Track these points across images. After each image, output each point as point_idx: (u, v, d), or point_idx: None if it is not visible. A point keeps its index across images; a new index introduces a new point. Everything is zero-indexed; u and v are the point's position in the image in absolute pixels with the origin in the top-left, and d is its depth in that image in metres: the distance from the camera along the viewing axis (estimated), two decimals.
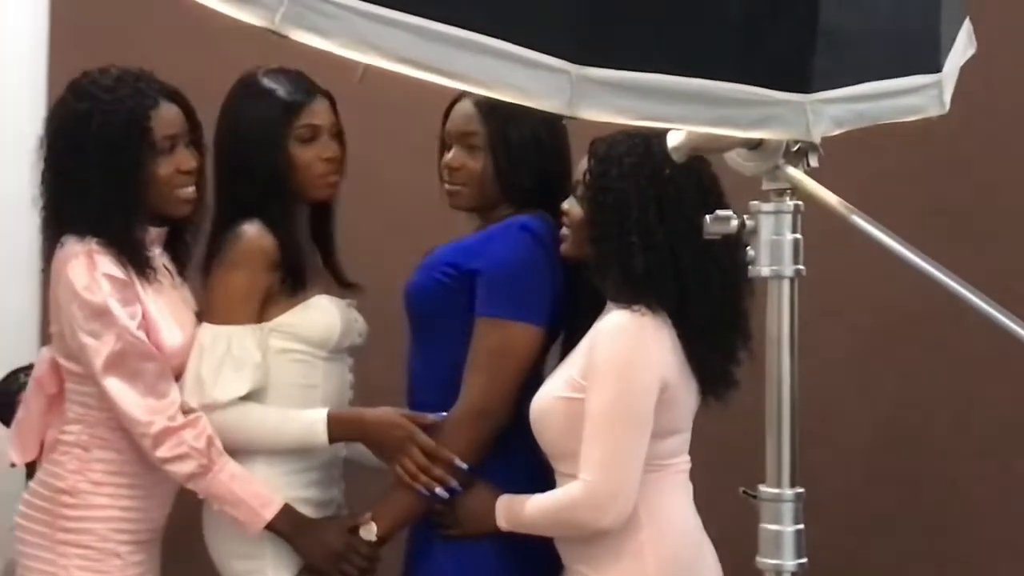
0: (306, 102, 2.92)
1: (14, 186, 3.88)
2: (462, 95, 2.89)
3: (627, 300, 2.61)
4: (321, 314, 2.92)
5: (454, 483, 2.75)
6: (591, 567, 2.68)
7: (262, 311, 2.87)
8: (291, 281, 2.87)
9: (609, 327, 2.62)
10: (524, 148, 2.84)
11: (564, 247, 2.75)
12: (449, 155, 2.90)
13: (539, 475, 2.76)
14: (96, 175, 2.80)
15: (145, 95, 2.83)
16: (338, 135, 2.98)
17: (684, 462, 2.74)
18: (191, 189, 2.89)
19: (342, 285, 3.06)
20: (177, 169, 2.86)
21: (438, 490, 2.74)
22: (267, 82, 2.93)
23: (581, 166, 2.73)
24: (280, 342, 2.88)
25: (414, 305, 2.92)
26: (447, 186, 2.92)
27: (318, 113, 2.93)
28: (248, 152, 2.89)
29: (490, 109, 2.83)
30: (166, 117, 2.85)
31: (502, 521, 2.72)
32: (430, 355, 2.89)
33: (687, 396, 2.68)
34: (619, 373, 2.58)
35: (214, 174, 2.94)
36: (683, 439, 2.72)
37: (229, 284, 2.86)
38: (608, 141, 2.67)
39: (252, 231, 2.85)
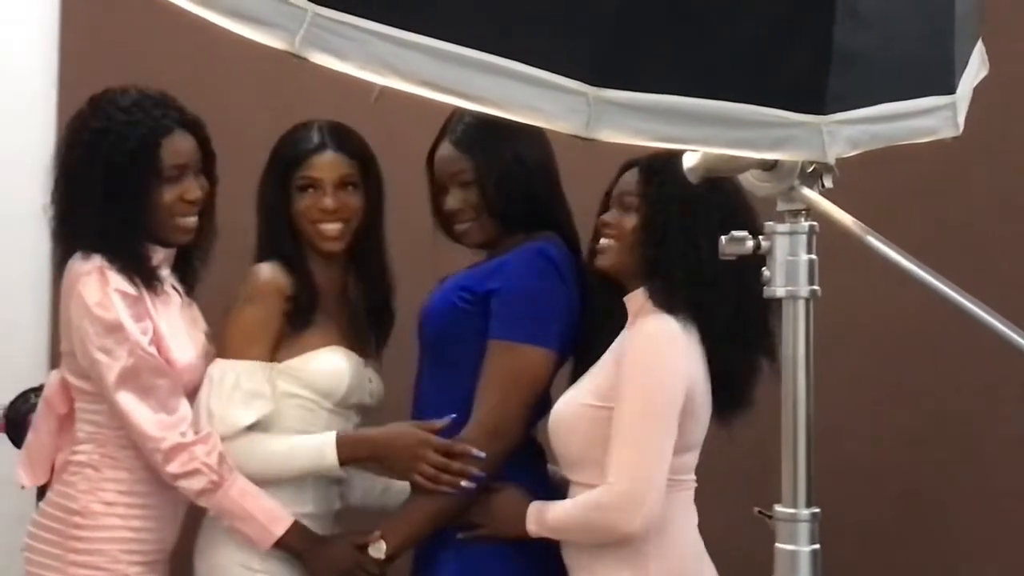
0: (307, 155, 2.95)
1: (23, 204, 3.90)
2: (439, 139, 2.92)
3: (677, 307, 2.63)
4: (329, 364, 2.91)
5: (475, 471, 2.74)
6: (593, 575, 2.68)
7: (274, 351, 2.89)
8: (295, 321, 2.88)
9: (641, 336, 2.64)
10: (511, 175, 2.85)
11: (601, 259, 2.75)
12: (448, 200, 2.91)
13: (539, 493, 2.77)
14: (101, 194, 2.82)
15: (160, 122, 2.84)
16: (344, 185, 2.96)
17: (692, 480, 2.75)
18: (192, 219, 2.90)
19: (358, 349, 3.03)
20: (181, 198, 2.87)
21: (463, 483, 2.74)
22: (288, 135, 3.00)
23: (624, 181, 2.74)
24: (287, 385, 2.88)
25: (429, 329, 2.92)
26: (456, 227, 2.93)
27: (318, 167, 2.95)
28: (260, 200, 3.00)
29: (470, 144, 2.86)
30: (178, 147, 2.86)
31: (531, 526, 2.72)
32: (442, 379, 2.89)
33: (705, 412, 2.69)
34: (650, 380, 2.60)
35: None
36: (694, 456, 2.73)
37: (241, 320, 2.88)
38: (655, 157, 2.69)
39: (266, 269, 2.89)
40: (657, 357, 2.62)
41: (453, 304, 2.85)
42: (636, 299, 2.71)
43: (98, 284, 2.78)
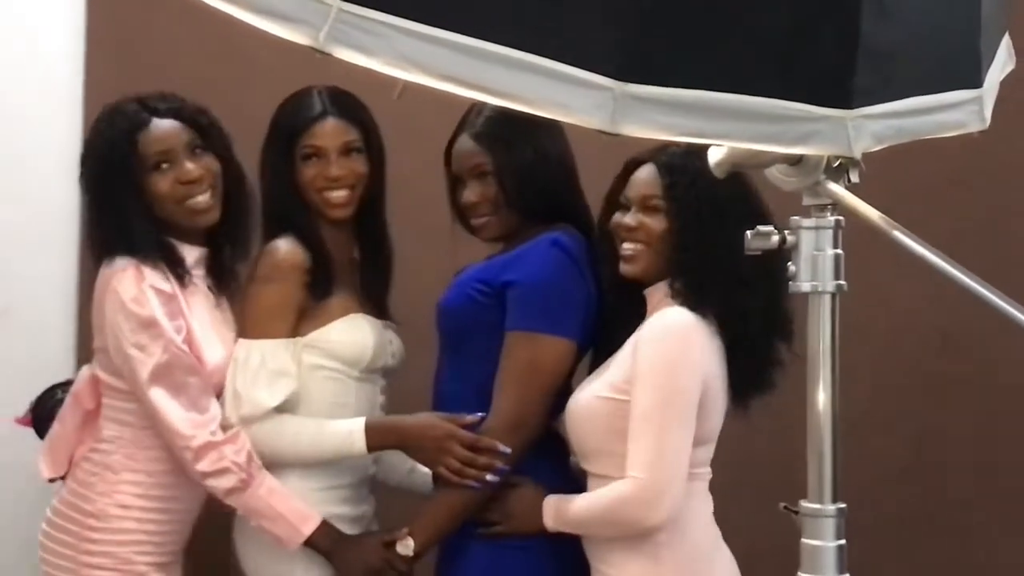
0: (309, 124, 2.94)
1: (50, 203, 3.92)
2: (457, 133, 2.92)
3: (706, 305, 2.63)
4: (354, 332, 2.92)
5: (502, 465, 2.74)
6: (609, 565, 2.68)
7: (296, 326, 2.89)
8: (315, 292, 2.88)
9: (657, 328, 2.64)
10: (530, 168, 2.85)
11: (631, 266, 2.73)
12: (466, 193, 2.91)
13: (562, 485, 2.77)
14: (107, 199, 2.87)
15: (133, 118, 2.87)
16: (348, 152, 2.96)
17: (707, 473, 2.74)
18: (201, 198, 2.89)
19: (376, 313, 3.05)
20: (178, 181, 2.87)
21: (488, 477, 2.74)
22: (282, 107, 2.99)
23: (643, 182, 2.73)
24: (312, 358, 2.89)
25: (447, 322, 2.92)
26: (473, 222, 2.92)
27: (320, 134, 2.94)
28: (264, 177, 2.99)
29: (489, 137, 2.85)
30: (155, 134, 2.87)
31: (549, 520, 2.72)
32: (461, 371, 2.89)
33: (721, 405, 2.69)
34: (668, 372, 2.60)
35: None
36: (710, 449, 2.73)
37: (262, 298, 2.88)
38: (669, 154, 2.68)
39: (284, 246, 2.88)
40: (675, 349, 2.62)
41: (470, 296, 2.85)
42: (657, 292, 2.71)
43: (134, 280, 2.79)
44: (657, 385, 2.59)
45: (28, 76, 3.96)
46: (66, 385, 3.47)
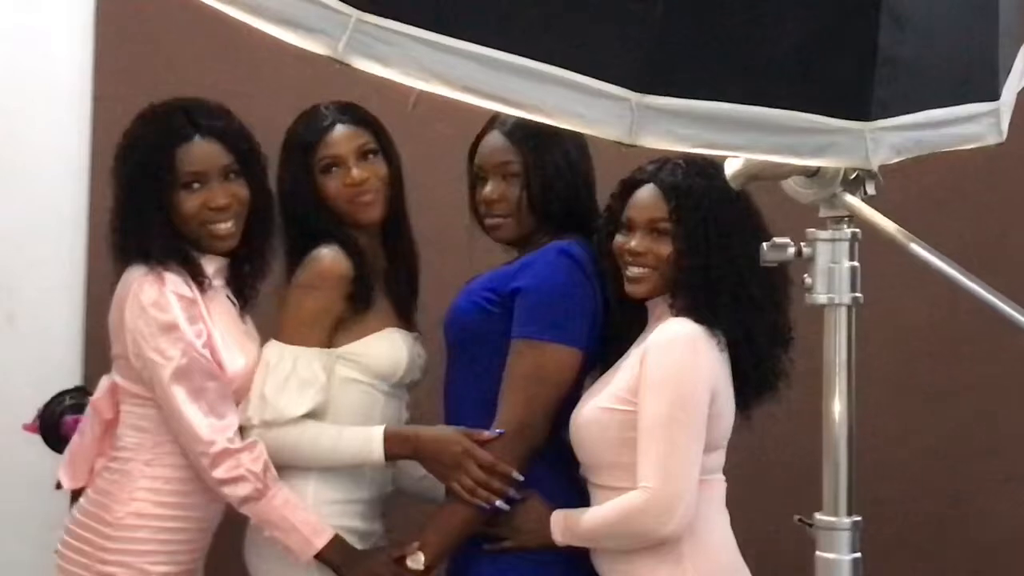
0: (320, 135, 2.95)
1: (58, 210, 3.92)
2: (486, 129, 2.91)
3: (711, 324, 2.64)
4: (390, 347, 2.92)
5: (513, 492, 2.74)
6: None
7: (331, 336, 2.88)
8: (358, 303, 2.88)
9: (663, 338, 2.64)
10: (558, 174, 2.86)
11: (638, 288, 2.72)
12: (487, 188, 2.91)
13: (572, 495, 2.77)
14: (133, 203, 2.87)
15: (177, 131, 2.85)
16: (365, 155, 2.96)
17: (720, 481, 2.75)
18: (224, 226, 2.89)
19: (407, 326, 3.04)
20: (205, 205, 2.86)
21: (498, 503, 2.73)
22: (295, 125, 3.00)
23: (647, 205, 2.72)
24: (346, 370, 2.88)
25: (455, 330, 2.92)
26: (488, 220, 2.92)
27: (334, 143, 2.94)
28: (286, 195, 2.98)
29: (522, 137, 2.84)
30: (195, 154, 2.86)
31: (557, 535, 2.72)
32: (470, 380, 2.89)
33: (728, 412, 2.69)
34: (676, 381, 2.60)
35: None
36: (721, 456, 2.73)
37: (303, 305, 2.87)
38: (669, 172, 2.69)
39: (329, 254, 2.87)
40: (682, 359, 2.62)
41: (479, 305, 2.85)
42: (660, 304, 2.72)
43: (155, 285, 2.79)
44: (666, 395, 2.59)
45: (36, 82, 3.96)
46: (73, 392, 3.48)
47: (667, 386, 2.60)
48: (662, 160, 2.72)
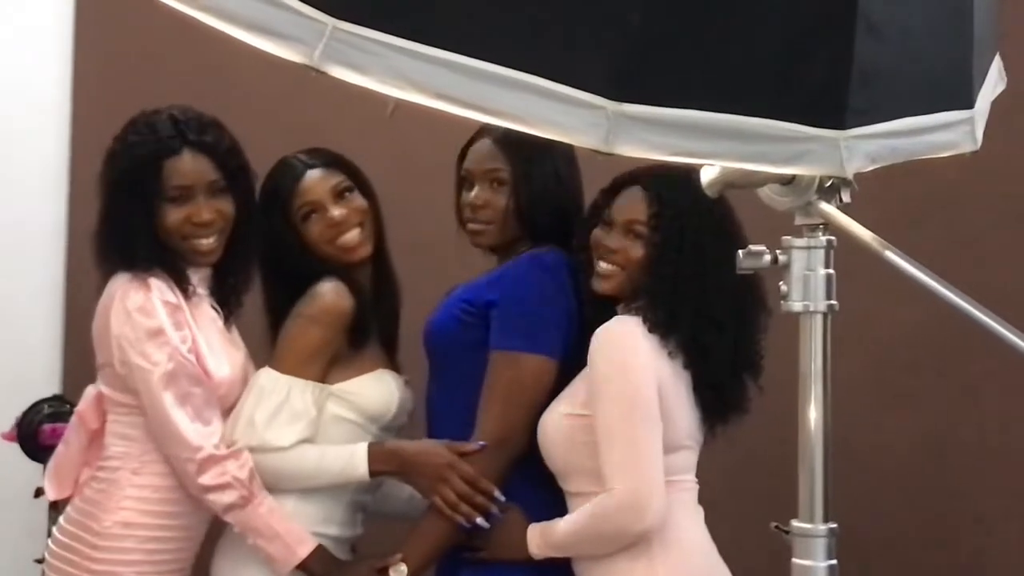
0: (294, 185, 2.95)
1: (37, 218, 3.92)
2: (478, 134, 2.92)
3: (669, 335, 2.66)
4: (383, 388, 2.93)
5: (495, 510, 2.74)
6: None
7: (328, 374, 2.88)
8: (356, 340, 2.89)
9: (601, 338, 2.66)
10: (545, 184, 2.86)
11: (604, 284, 2.75)
12: (472, 193, 2.91)
13: (556, 502, 2.76)
14: (118, 211, 2.86)
15: (166, 142, 2.84)
16: (341, 194, 2.96)
17: (691, 482, 2.75)
18: (206, 241, 2.88)
19: (391, 352, 3.06)
20: (188, 220, 2.86)
21: (479, 520, 2.74)
22: (269, 178, 3.00)
23: (629, 206, 2.74)
24: (337, 408, 2.88)
25: (434, 342, 2.93)
26: (471, 225, 2.93)
27: (308, 189, 2.95)
28: (272, 249, 2.99)
29: (511, 145, 2.85)
30: (182, 168, 2.85)
31: (534, 548, 2.72)
32: (450, 391, 2.89)
33: (682, 411, 2.69)
34: (621, 377, 2.62)
35: None
36: (687, 457, 2.73)
37: (304, 338, 2.86)
38: (659, 180, 2.70)
39: (334, 289, 2.87)
40: (622, 354, 2.64)
41: (455, 316, 2.86)
42: (628, 307, 2.73)
43: (141, 291, 2.78)
44: (614, 393, 2.61)
45: (15, 92, 3.96)
46: (52, 400, 3.48)
47: (613, 384, 2.62)
48: (655, 166, 2.72)
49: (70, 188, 3.90)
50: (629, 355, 2.63)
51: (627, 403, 2.60)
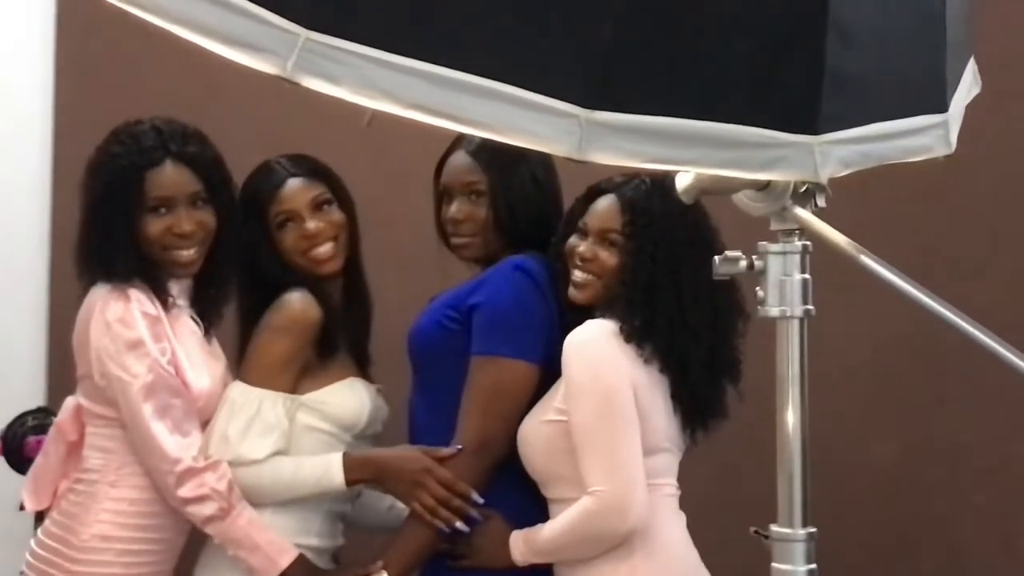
0: (274, 190, 2.96)
1: (20, 226, 3.91)
2: (453, 146, 2.93)
3: (645, 342, 2.66)
4: (353, 397, 2.92)
5: (474, 513, 2.74)
6: None
7: (298, 383, 2.88)
8: (324, 350, 2.89)
9: (575, 342, 2.67)
10: (524, 191, 2.87)
11: (580, 294, 2.76)
12: (453, 208, 2.91)
13: (538, 509, 2.77)
14: (98, 222, 2.86)
15: (148, 154, 2.84)
16: (319, 206, 2.96)
17: (671, 486, 2.76)
18: (186, 253, 2.88)
19: (362, 363, 3.06)
20: (169, 231, 2.85)
21: (458, 524, 2.73)
22: (249, 181, 3.00)
23: (603, 214, 2.74)
24: (307, 418, 2.88)
25: (417, 349, 2.93)
26: (454, 240, 2.94)
27: (288, 198, 2.95)
28: (248, 252, 2.97)
29: (488, 158, 2.86)
30: (164, 179, 2.85)
31: (517, 555, 2.73)
32: (433, 397, 2.90)
33: (659, 414, 2.70)
34: (594, 379, 2.63)
35: None
36: (666, 460, 2.74)
37: (271, 350, 2.87)
38: (633, 188, 2.71)
39: (301, 300, 2.87)
40: (595, 356, 2.65)
41: (439, 323, 2.86)
42: (604, 314, 2.73)
43: (120, 302, 2.78)
44: (588, 396, 2.62)
45: None
46: (36, 412, 3.47)
47: (587, 387, 2.63)
48: (630, 175, 2.75)
49: (52, 199, 3.89)
50: (601, 358, 2.64)
51: (603, 405, 2.61)
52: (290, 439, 2.85)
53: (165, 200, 2.85)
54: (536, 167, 2.87)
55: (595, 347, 2.65)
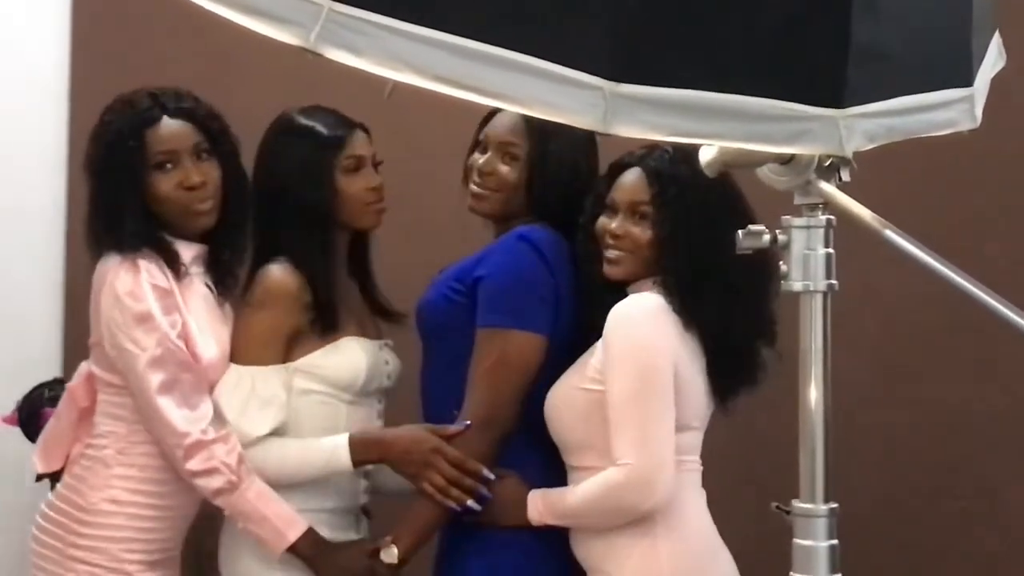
0: (347, 135, 2.93)
1: (36, 200, 3.91)
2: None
3: (691, 310, 2.66)
4: (347, 356, 2.90)
5: (485, 491, 2.74)
6: (606, 564, 2.69)
7: (291, 350, 2.87)
8: (322, 321, 2.87)
9: (622, 313, 2.66)
10: (561, 167, 2.86)
11: (615, 270, 2.74)
12: (482, 158, 2.90)
13: (548, 480, 2.77)
14: (107, 191, 2.86)
15: (144, 114, 2.85)
16: (376, 165, 2.98)
17: (696, 463, 2.76)
18: (202, 205, 2.87)
19: (384, 316, 3.05)
20: (181, 185, 2.85)
21: (470, 503, 2.73)
22: (305, 120, 2.95)
23: (630, 188, 2.73)
24: (304, 383, 2.87)
25: (425, 322, 2.93)
26: (473, 187, 2.92)
27: (360, 144, 2.95)
28: (294, 189, 2.89)
29: (534, 127, 2.84)
30: (163, 134, 2.85)
31: (534, 514, 2.72)
32: (442, 371, 2.89)
33: (695, 391, 2.69)
34: (637, 354, 2.62)
35: (254, 212, 2.95)
36: (694, 438, 2.74)
37: (253, 325, 2.86)
38: (656, 159, 2.70)
39: (277, 271, 2.86)
40: (642, 331, 2.64)
41: (445, 296, 2.86)
42: (642, 287, 2.73)
43: (131, 275, 2.78)
44: (630, 369, 2.61)
45: (13, 75, 3.95)
46: (52, 384, 3.48)
47: (629, 360, 2.61)
48: (651, 146, 2.73)
49: (68, 171, 3.89)
50: (648, 333, 2.63)
51: (643, 381, 2.60)
52: (291, 408, 2.84)
53: (169, 154, 2.85)
54: (578, 144, 2.85)
55: (642, 321, 2.64)
